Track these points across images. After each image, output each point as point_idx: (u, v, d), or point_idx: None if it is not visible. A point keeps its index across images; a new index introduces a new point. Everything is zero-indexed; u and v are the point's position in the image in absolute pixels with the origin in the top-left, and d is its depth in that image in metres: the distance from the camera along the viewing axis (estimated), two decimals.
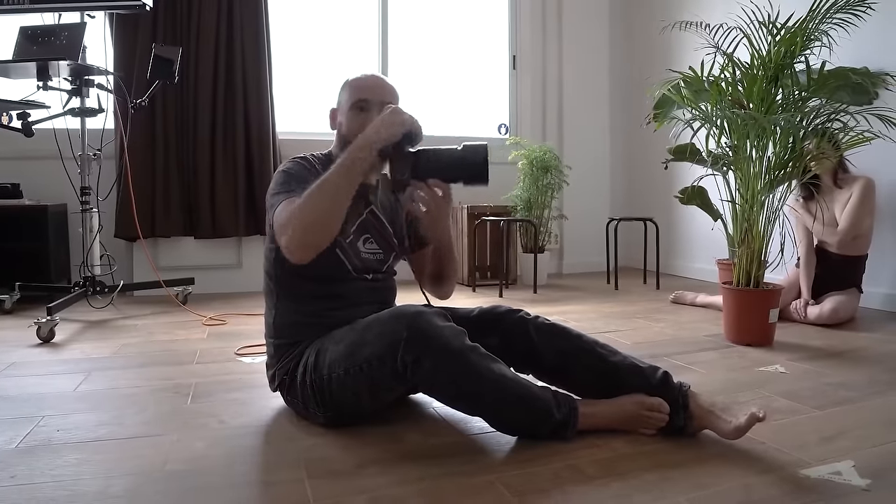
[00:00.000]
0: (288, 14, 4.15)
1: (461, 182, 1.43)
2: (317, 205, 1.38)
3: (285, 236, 1.39)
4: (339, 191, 1.39)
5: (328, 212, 1.39)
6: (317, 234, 1.39)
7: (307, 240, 1.39)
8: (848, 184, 2.93)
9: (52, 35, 2.82)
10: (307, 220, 1.37)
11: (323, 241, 1.41)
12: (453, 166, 1.42)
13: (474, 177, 1.41)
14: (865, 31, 2.64)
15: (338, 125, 1.65)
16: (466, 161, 1.41)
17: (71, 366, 2.17)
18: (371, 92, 1.59)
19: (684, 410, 1.49)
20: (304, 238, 1.38)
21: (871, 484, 1.28)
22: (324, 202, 1.38)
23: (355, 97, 1.59)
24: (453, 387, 1.42)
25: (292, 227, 1.38)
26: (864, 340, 2.58)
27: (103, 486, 1.26)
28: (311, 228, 1.38)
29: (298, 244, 1.39)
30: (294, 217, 1.38)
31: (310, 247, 1.40)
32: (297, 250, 1.40)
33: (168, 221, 3.66)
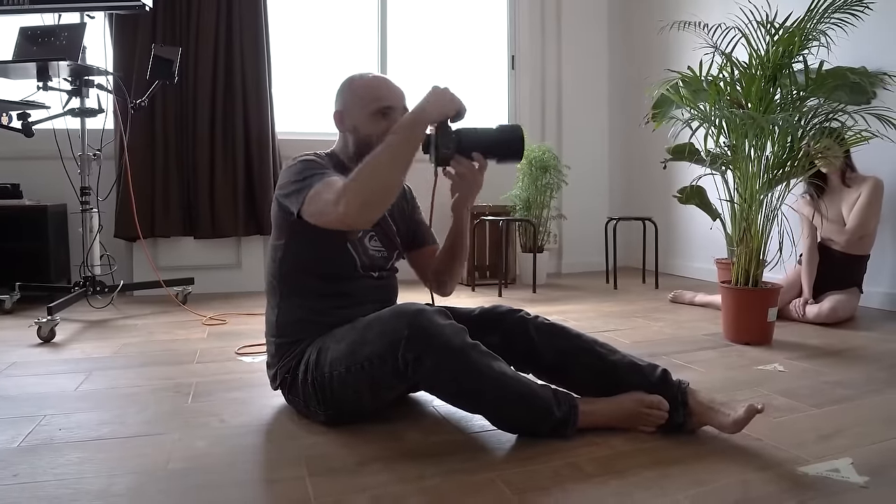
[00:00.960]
0: (287, 15, 4.16)
1: (496, 159, 1.51)
2: (380, 170, 1.37)
3: (342, 204, 1.36)
4: (400, 158, 1.39)
5: (392, 177, 1.39)
6: (380, 195, 1.38)
7: (369, 205, 1.37)
8: (856, 183, 2.94)
9: (51, 35, 2.82)
10: (372, 185, 1.37)
11: (384, 204, 1.42)
12: (492, 143, 1.49)
13: (511, 153, 1.50)
14: (863, 31, 2.65)
15: (350, 128, 1.61)
16: (504, 138, 1.50)
17: (71, 365, 2.17)
18: (394, 98, 1.59)
19: (684, 407, 1.50)
20: (367, 203, 1.37)
21: (869, 481, 1.29)
22: (386, 167, 1.38)
23: (379, 104, 1.57)
24: (454, 384, 1.43)
25: (352, 193, 1.36)
26: (862, 339, 2.58)
27: (106, 484, 1.27)
28: (376, 190, 1.37)
29: (360, 208, 1.37)
30: (354, 185, 1.37)
31: (371, 211, 1.39)
32: (359, 213, 1.38)
33: (168, 221, 3.67)
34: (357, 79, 1.63)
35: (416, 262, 1.83)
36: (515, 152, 1.51)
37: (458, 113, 1.45)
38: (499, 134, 1.50)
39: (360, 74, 1.65)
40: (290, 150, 3.86)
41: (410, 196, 1.84)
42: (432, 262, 1.78)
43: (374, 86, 1.61)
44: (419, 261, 1.82)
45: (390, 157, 1.38)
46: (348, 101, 1.61)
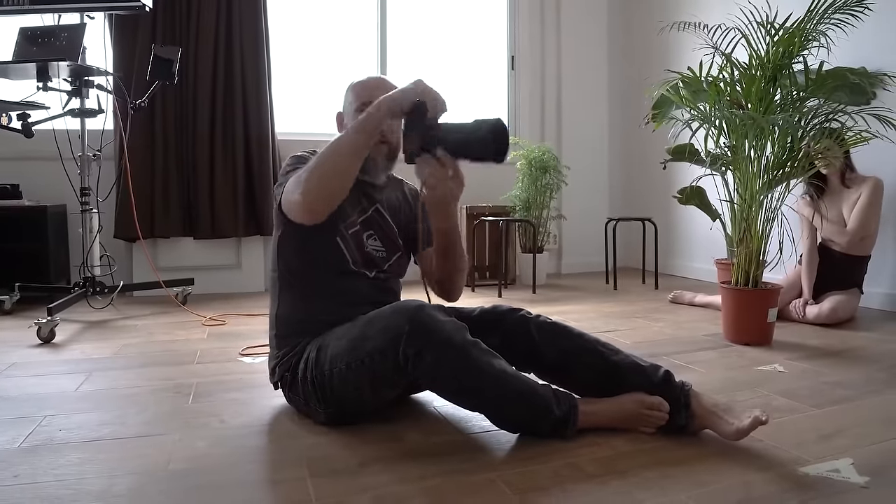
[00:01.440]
0: (287, 15, 4.16)
1: (470, 158, 1.35)
2: (331, 154, 1.38)
3: (299, 191, 1.39)
4: (352, 143, 1.39)
5: (343, 160, 1.39)
6: (331, 179, 1.38)
7: (322, 185, 1.38)
8: (856, 184, 2.95)
9: (51, 36, 2.82)
10: (323, 167, 1.38)
11: (337, 190, 1.41)
12: (462, 140, 1.34)
13: (485, 152, 1.33)
14: (863, 32, 2.66)
15: (344, 128, 1.63)
16: (478, 136, 1.33)
17: (72, 366, 2.17)
18: (376, 94, 1.57)
19: (686, 409, 1.50)
20: (319, 184, 1.38)
21: (870, 481, 1.29)
22: (338, 151, 1.38)
23: (361, 99, 1.59)
24: (454, 381, 1.43)
25: (306, 178, 1.38)
26: (862, 340, 2.59)
27: (107, 485, 1.27)
28: (326, 174, 1.38)
29: (314, 191, 1.38)
30: (308, 172, 1.39)
31: (325, 194, 1.40)
32: (313, 200, 1.39)
33: (168, 222, 3.67)
34: (355, 81, 1.67)
35: (421, 265, 1.83)
36: (489, 151, 1.32)
37: (418, 104, 1.37)
38: (470, 130, 1.33)
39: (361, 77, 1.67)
40: (290, 151, 3.79)
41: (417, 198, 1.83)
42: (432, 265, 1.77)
43: (363, 85, 1.64)
44: (423, 264, 1.82)
45: (343, 144, 1.39)
46: (345, 102, 1.67)
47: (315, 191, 1.39)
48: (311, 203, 1.40)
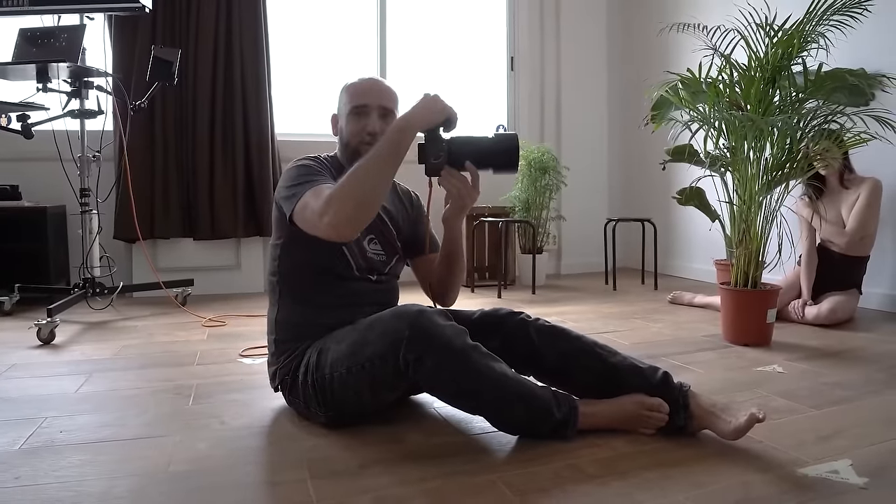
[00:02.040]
0: (287, 16, 4.16)
1: (492, 169, 1.46)
2: (364, 179, 1.36)
3: (330, 214, 1.36)
4: (385, 167, 1.38)
5: (374, 188, 1.38)
6: (363, 208, 1.38)
7: (355, 215, 1.37)
8: (855, 184, 2.95)
9: (51, 37, 2.82)
10: (355, 196, 1.36)
11: (368, 216, 1.40)
12: (486, 153, 1.45)
13: (505, 164, 1.45)
14: (862, 33, 2.66)
15: (339, 130, 1.66)
16: (498, 149, 1.45)
17: (72, 367, 2.17)
18: (368, 96, 1.60)
19: (685, 410, 1.51)
20: (353, 213, 1.37)
21: (869, 482, 1.29)
22: (370, 179, 1.37)
23: (354, 102, 1.60)
24: (454, 385, 1.43)
25: (338, 204, 1.35)
26: (861, 340, 2.59)
27: (107, 486, 1.27)
28: (359, 203, 1.36)
29: (347, 219, 1.36)
30: (340, 193, 1.36)
31: (356, 221, 1.39)
32: (345, 225, 1.38)
33: (167, 223, 3.67)
34: (348, 82, 1.67)
35: (418, 269, 1.83)
36: (509, 163, 1.46)
37: (447, 121, 1.43)
38: (492, 143, 1.46)
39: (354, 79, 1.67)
40: (290, 152, 3.86)
41: (417, 202, 1.84)
42: (433, 270, 1.77)
43: (356, 86, 1.64)
44: (421, 268, 1.82)
45: (374, 166, 1.37)
46: (339, 104, 1.67)
47: (347, 219, 1.37)
48: (341, 229, 1.38)
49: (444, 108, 1.43)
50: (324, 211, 1.37)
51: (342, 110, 1.64)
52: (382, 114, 1.60)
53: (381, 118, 1.59)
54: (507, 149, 1.45)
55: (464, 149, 1.45)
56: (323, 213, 1.37)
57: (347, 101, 1.62)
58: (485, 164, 1.46)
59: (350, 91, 1.63)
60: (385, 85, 1.65)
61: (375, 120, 1.59)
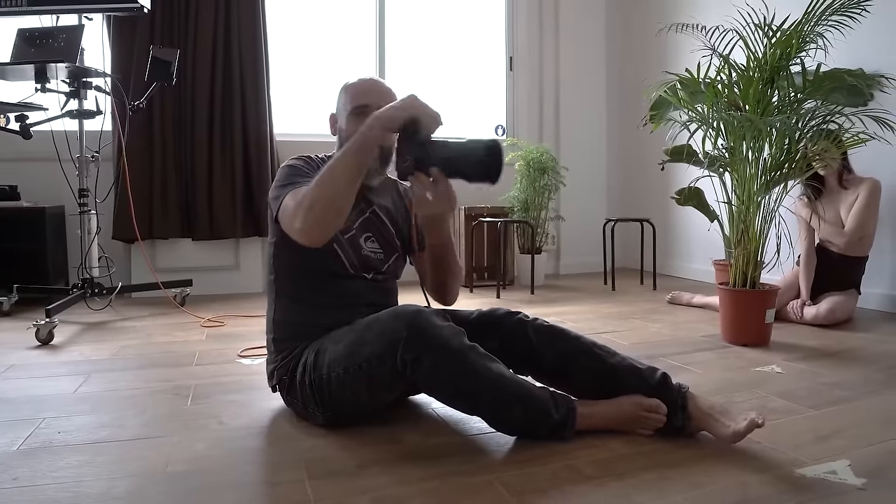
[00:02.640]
0: (285, 16, 4.16)
1: (464, 178, 1.34)
2: (330, 182, 1.36)
3: (299, 218, 1.36)
4: (350, 168, 1.36)
5: (341, 189, 1.36)
6: (330, 211, 1.37)
7: (323, 218, 1.36)
8: (854, 185, 2.95)
9: (49, 37, 2.82)
10: (322, 198, 1.35)
11: (336, 220, 1.39)
12: (458, 160, 1.33)
13: (479, 174, 1.32)
14: (861, 33, 2.66)
15: (338, 130, 1.65)
16: (473, 156, 1.32)
17: (70, 368, 2.17)
18: (369, 97, 1.59)
19: (683, 411, 1.50)
20: (320, 216, 1.36)
21: (867, 483, 1.29)
22: (336, 179, 1.36)
23: (355, 103, 1.59)
24: (452, 385, 1.43)
25: (306, 207, 1.35)
26: (859, 340, 2.59)
27: (106, 487, 1.27)
28: (326, 206, 1.36)
29: (314, 223, 1.36)
30: (307, 198, 1.36)
31: (324, 225, 1.38)
32: (312, 230, 1.38)
33: (166, 223, 3.67)
34: (348, 82, 1.66)
35: (417, 267, 1.83)
36: (484, 173, 1.31)
37: (412, 120, 1.34)
38: (467, 150, 1.32)
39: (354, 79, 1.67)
40: (289, 152, 3.81)
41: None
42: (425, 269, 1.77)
43: (357, 87, 1.63)
44: (418, 266, 1.82)
45: (339, 168, 1.36)
46: (338, 104, 1.66)
47: (314, 223, 1.36)
48: (310, 234, 1.39)
49: (412, 106, 1.35)
50: (294, 215, 1.38)
51: (342, 110, 1.64)
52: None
53: None
54: (480, 156, 1.31)
55: (436, 153, 1.33)
56: (294, 216, 1.38)
57: (348, 101, 1.61)
58: (456, 172, 1.33)
59: (350, 91, 1.63)
60: (385, 86, 1.64)
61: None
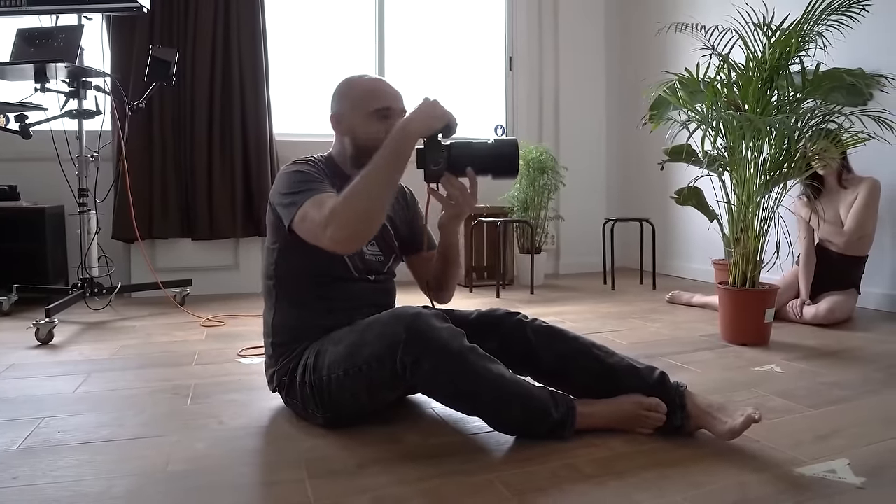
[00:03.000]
0: (285, 16, 4.16)
1: (491, 175, 1.45)
2: (367, 193, 1.35)
3: (333, 227, 1.35)
4: (388, 179, 1.37)
5: (378, 200, 1.37)
6: (367, 222, 1.37)
7: (359, 228, 1.37)
8: (853, 184, 2.95)
9: (49, 37, 2.82)
10: (359, 210, 1.35)
11: (372, 230, 1.40)
12: (485, 159, 1.44)
13: (504, 169, 1.45)
14: (860, 33, 2.66)
15: (347, 131, 1.60)
16: (498, 154, 1.44)
17: (70, 367, 2.17)
18: (392, 99, 1.58)
19: (682, 410, 1.51)
20: (356, 227, 1.36)
21: (866, 482, 1.29)
22: (374, 190, 1.36)
23: (377, 105, 1.56)
24: (452, 387, 1.43)
25: (342, 218, 1.34)
26: (859, 340, 2.59)
27: (105, 486, 1.27)
28: (363, 217, 1.36)
29: (350, 234, 1.36)
30: (343, 208, 1.35)
31: (360, 236, 1.39)
32: (349, 240, 1.38)
33: (166, 223, 3.67)
34: (354, 81, 1.63)
35: (415, 267, 1.83)
36: (509, 168, 1.45)
37: (447, 127, 1.41)
38: (492, 149, 1.45)
39: (357, 76, 1.64)
40: (288, 152, 3.86)
41: (412, 199, 1.83)
42: (429, 268, 1.77)
43: (372, 87, 1.60)
44: (417, 266, 1.82)
45: (377, 177, 1.36)
46: (346, 104, 1.61)
47: (353, 234, 1.37)
48: (345, 243, 1.39)
49: (444, 114, 1.40)
50: (327, 223, 1.35)
51: (356, 112, 1.58)
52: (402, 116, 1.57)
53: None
54: (506, 154, 1.44)
55: (463, 154, 1.43)
56: (326, 225, 1.35)
57: (366, 102, 1.57)
58: (484, 169, 1.44)
59: (368, 92, 1.58)
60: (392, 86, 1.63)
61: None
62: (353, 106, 1.59)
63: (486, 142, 1.47)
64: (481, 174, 1.45)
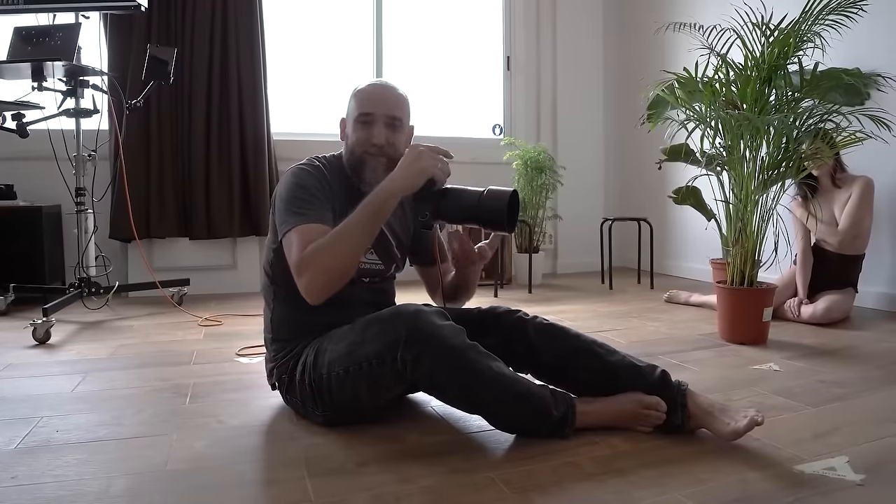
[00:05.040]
0: (283, 15, 4.15)
1: (480, 225, 1.40)
2: (339, 252, 1.40)
3: (306, 278, 1.41)
4: (361, 239, 1.43)
5: (350, 257, 1.42)
6: (338, 280, 1.43)
7: (329, 284, 1.42)
8: (846, 183, 2.96)
9: (46, 36, 2.81)
10: (331, 267, 1.40)
11: (341, 283, 1.44)
12: (472, 210, 1.38)
13: (494, 223, 1.37)
14: (857, 33, 2.67)
15: (346, 135, 1.64)
16: (485, 205, 1.36)
17: (68, 367, 2.16)
18: (374, 105, 1.58)
19: (682, 409, 1.51)
20: (327, 283, 1.42)
21: (865, 479, 1.30)
22: (346, 250, 1.41)
23: (360, 110, 1.58)
24: (452, 384, 1.43)
25: (314, 271, 1.40)
26: (857, 338, 2.60)
27: (105, 485, 1.27)
28: (334, 274, 1.42)
29: (321, 288, 1.42)
30: (316, 261, 1.40)
31: (329, 290, 1.44)
32: (317, 293, 1.43)
33: (163, 222, 3.65)
34: (358, 86, 1.65)
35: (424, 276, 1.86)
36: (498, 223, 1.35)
37: (430, 181, 1.42)
38: (481, 201, 1.36)
39: (364, 83, 1.65)
40: (286, 152, 3.86)
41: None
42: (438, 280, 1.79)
43: (364, 93, 1.62)
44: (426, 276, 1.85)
45: (354, 235, 1.41)
46: (348, 109, 1.66)
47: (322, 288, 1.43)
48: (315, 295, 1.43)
49: (425, 169, 1.40)
50: (300, 271, 1.42)
51: (349, 117, 1.63)
52: (389, 123, 1.58)
53: (388, 127, 1.58)
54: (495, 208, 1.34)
55: (450, 205, 1.39)
56: (299, 272, 1.42)
57: (355, 107, 1.60)
58: (473, 221, 1.39)
59: (358, 98, 1.61)
60: (395, 92, 1.62)
61: (381, 130, 1.57)
62: (349, 111, 1.64)
63: (479, 191, 1.39)
64: (468, 223, 1.42)
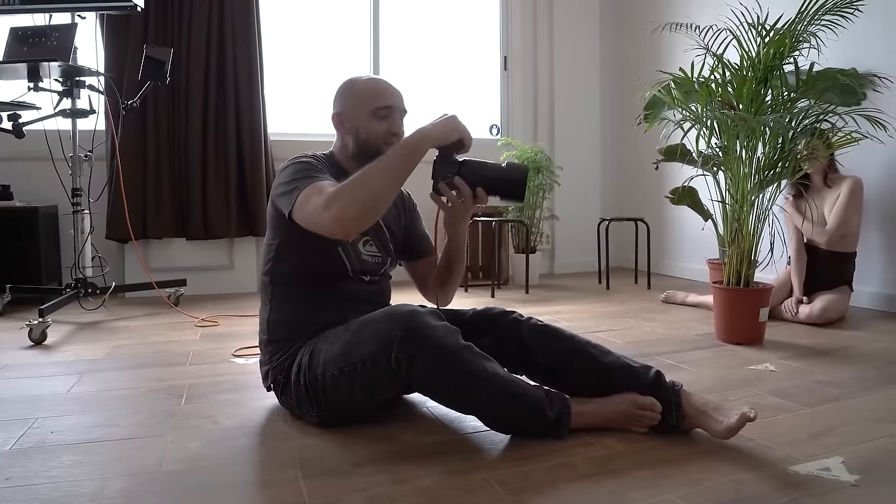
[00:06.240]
0: (279, 15, 4.15)
1: (499, 196, 1.51)
2: (374, 181, 1.37)
3: (334, 209, 1.35)
4: (395, 173, 1.39)
5: (385, 189, 1.39)
6: (372, 207, 1.38)
7: (361, 213, 1.37)
8: (837, 183, 2.97)
9: (42, 36, 2.80)
10: (364, 194, 1.36)
11: (374, 216, 1.41)
12: (495, 179, 1.50)
13: (512, 193, 1.50)
14: (853, 33, 2.67)
15: (350, 130, 1.62)
16: (508, 178, 1.50)
17: (63, 368, 2.16)
18: (392, 98, 1.61)
19: (677, 409, 1.51)
20: (359, 211, 1.36)
21: (860, 479, 1.30)
22: (382, 180, 1.38)
23: (379, 103, 1.58)
24: (447, 385, 1.43)
25: (346, 200, 1.35)
26: (852, 339, 2.60)
27: (99, 486, 1.27)
28: (369, 200, 1.36)
29: (353, 216, 1.36)
30: (347, 191, 1.36)
31: (362, 218, 1.39)
32: (347, 222, 1.37)
33: (160, 223, 3.65)
34: (357, 80, 1.65)
35: (415, 272, 1.84)
36: (518, 193, 1.50)
37: (461, 141, 1.45)
38: (503, 172, 1.50)
39: (359, 76, 1.67)
40: (283, 151, 3.85)
41: (410, 204, 1.84)
42: (430, 272, 1.79)
43: (375, 86, 1.62)
44: (417, 271, 1.84)
45: (387, 170, 1.39)
46: (349, 103, 1.63)
47: (355, 216, 1.36)
48: (348, 225, 1.38)
49: (461, 129, 1.45)
50: (328, 205, 1.35)
51: (358, 111, 1.60)
52: (402, 115, 1.63)
53: (401, 119, 1.63)
54: (516, 179, 1.50)
55: (475, 172, 1.49)
56: (327, 206, 1.36)
57: (369, 101, 1.59)
58: (493, 190, 1.50)
59: (369, 92, 1.61)
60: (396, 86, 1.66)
61: (399, 122, 1.61)
62: (356, 105, 1.61)
63: (498, 164, 1.52)
64: (490, 194, 1.50)
